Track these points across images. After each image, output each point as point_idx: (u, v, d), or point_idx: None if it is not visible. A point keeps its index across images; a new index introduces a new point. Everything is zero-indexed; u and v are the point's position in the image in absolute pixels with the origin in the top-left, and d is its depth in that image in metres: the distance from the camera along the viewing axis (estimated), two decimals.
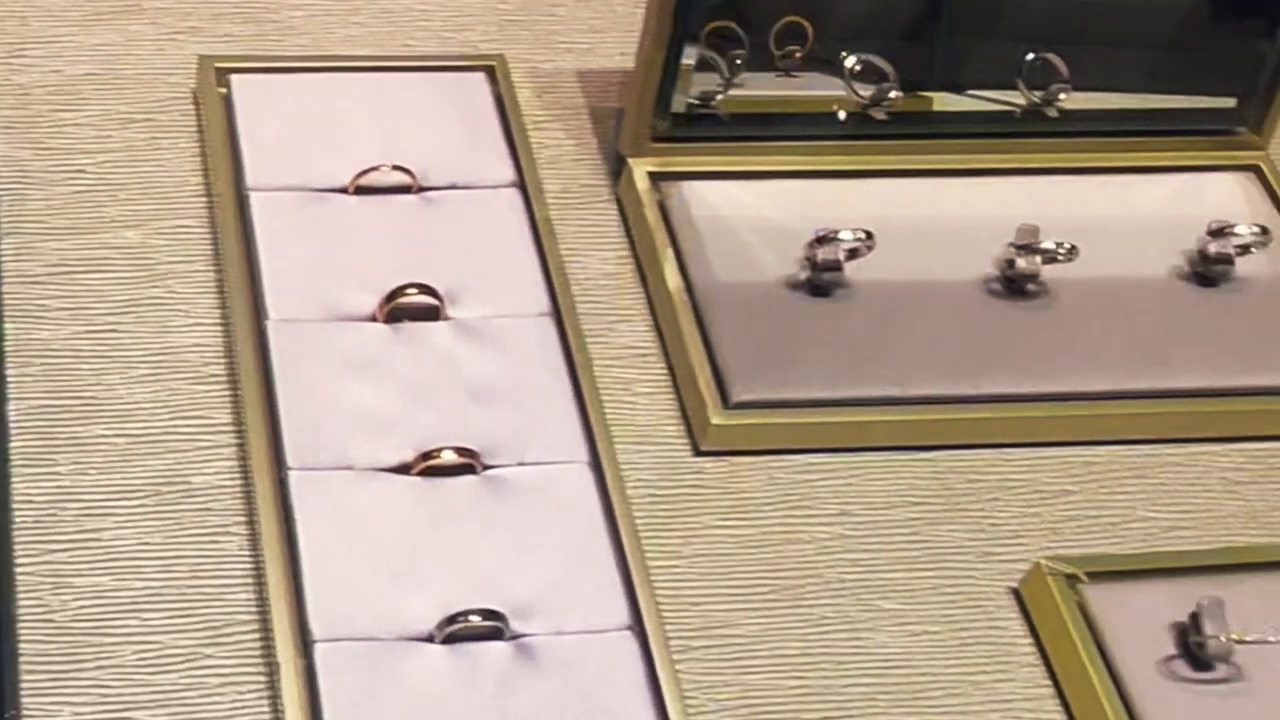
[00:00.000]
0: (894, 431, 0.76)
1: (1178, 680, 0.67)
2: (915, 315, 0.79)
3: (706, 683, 0.68)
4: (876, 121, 0.85)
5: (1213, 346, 0.79)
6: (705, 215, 0.81)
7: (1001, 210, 0.83)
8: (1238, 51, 0.86)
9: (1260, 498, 0.76)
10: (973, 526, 0.74)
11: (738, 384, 0.75)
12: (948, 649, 0.70)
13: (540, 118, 0.87)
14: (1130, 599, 0.69)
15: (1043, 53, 0.86)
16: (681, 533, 0.73)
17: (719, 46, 0.84)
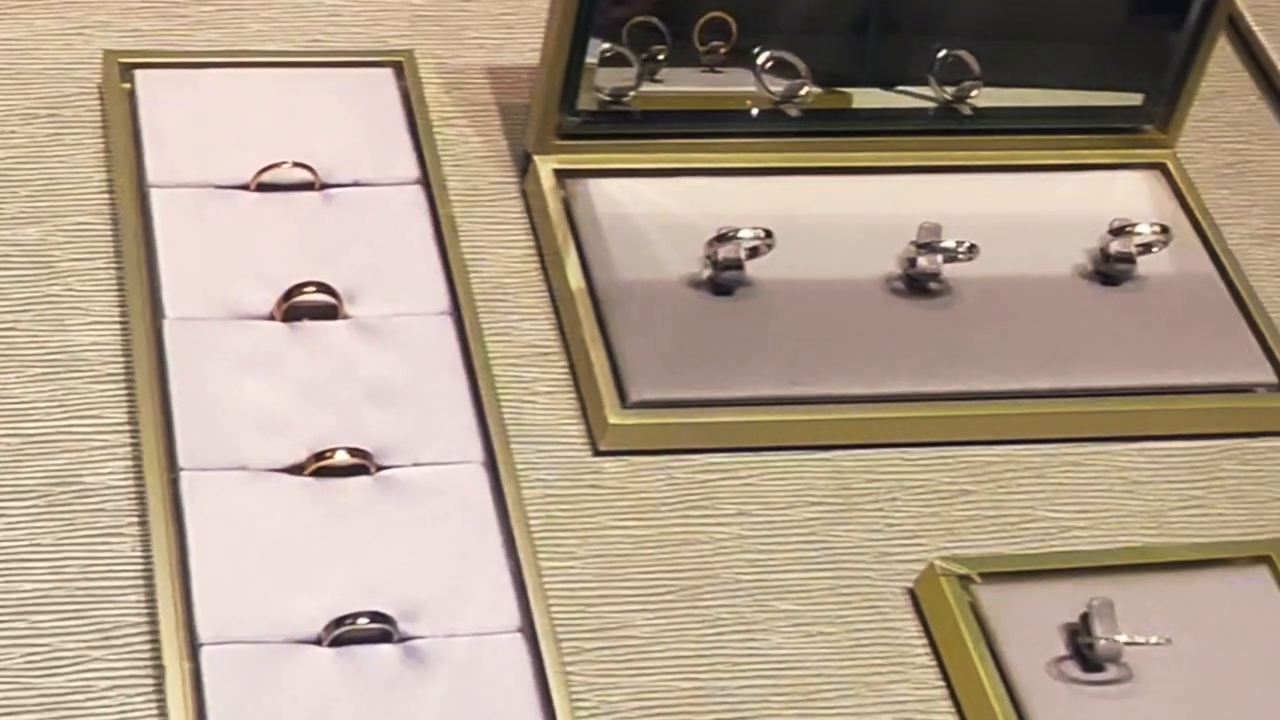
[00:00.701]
0: (793, 431, 0.75)
1: (1067, 681, 0.66)
2: (817, 314, 0.78)
3: (600, 684, 0.67)
4: (789, 118, 0.84)
5: (1113, 345, 0.78)
6: (609, 213, 0.80)
7: (908, 208, 0.82)
8: (1144, 49, 0.85)
9: (1158, 497, 0.76)
10: (870, 526, 0.73)
11: (636, 383, 0.74)
12: (842, 650, 0.70)
13: (450, 114, 0.86)
14: (1023, 600, 0.68)
15: (955, 49, 0.85)
16: (578, 533, 0.72)
17: (641, 42, 0.83)
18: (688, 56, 0.83)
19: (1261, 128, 0.91)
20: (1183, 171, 0.86)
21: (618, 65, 0.82)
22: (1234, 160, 0.90)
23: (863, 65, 0.86)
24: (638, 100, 0.83)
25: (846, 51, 0.85)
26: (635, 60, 0.83)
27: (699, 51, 0.84)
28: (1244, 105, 0.92)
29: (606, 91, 0.82)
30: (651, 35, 0.83)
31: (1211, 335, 0.80)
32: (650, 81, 0.83)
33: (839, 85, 0.86)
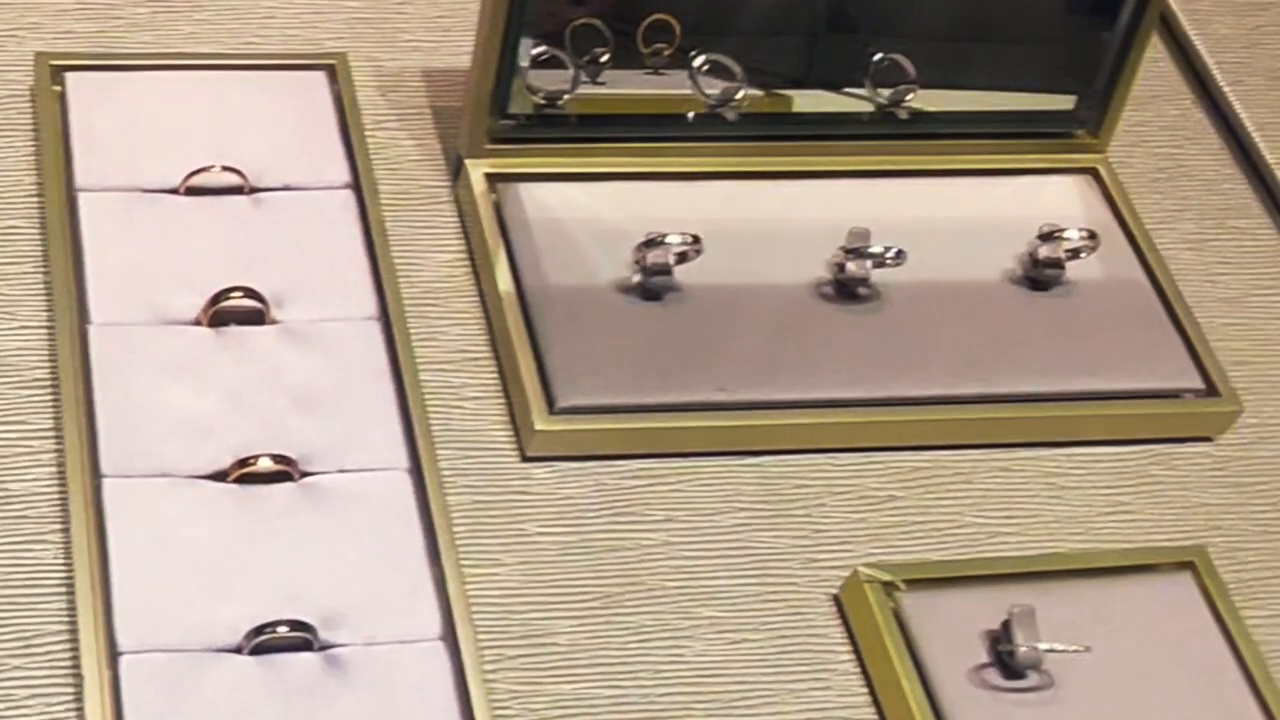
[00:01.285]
0: (721, 437, 0.74)
1: (989, 689, 0.66)
2: (746, 319, 0.77)
3: (522, 692, 0.67)
4: (723, 122, 0.83)
5: (1040, 351, 0.78)
6: (540, 217, 0.79)
7: (841, 213, 0.81)
8: (1076, 55, 0.84)
9: (1085, 503, 0.75)
10: (797, 532, 0.73)
11: (563, 389, 0.73)
12: (766, 657, 0.69)
13: (384, 117, 0.85)
14: (947, 606, 0.68)
15: (893, 53, 0.85)
16: (504, 540, 0.71)
17: (584, 44, 0.82)
18: (632, 59, 0.83)
19: (1195, 132, 0.91)
20: (1114, 176, 0.85)
21: (554, 68, 0.82)
22: (1167, 165, 0.89)
23: (800, 69, 0.85)
24: (573, 103, 0.82)
25: (785, 55, 0.85)
26: (571, 63, 0.82)
27: (643, 54, 0.83)
28: (1178, 110, 0.92)
29: (542, 94, 0.82)
30: (595, 37, 0.82)
31: (1140, 340, 0.79)
32: (593, 84, 0.82)
33: (776, 89, 0.85)
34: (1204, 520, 0.76)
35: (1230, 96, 0.91)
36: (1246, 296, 0.84)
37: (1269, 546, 0.75)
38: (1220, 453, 0.78)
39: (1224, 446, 0.78)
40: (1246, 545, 0.75)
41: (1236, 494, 0.77)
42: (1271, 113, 0.92)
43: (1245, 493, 0.77)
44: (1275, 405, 0.80)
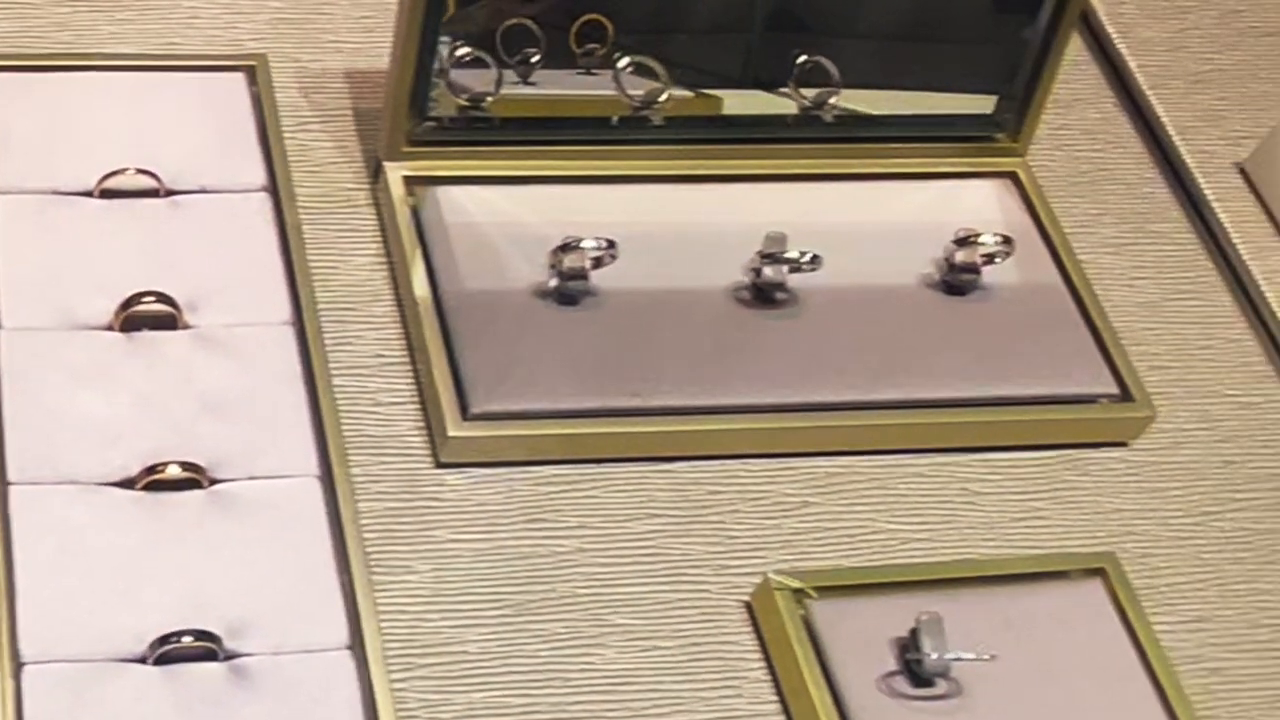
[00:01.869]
0: (635, 443, 0.73)
1: (897, 697, 0.65)
2: (663, 324, 0.76)
3: (432, 701, 0.66)
4: (645, 125, 0.83)
5: (956, 356, 0.77)
6: (458, 221, 0.78)
7: (761, 217, 0.80)
8: (996, 58, 0.83)
9: (998, 508, 0.75)
10: (710, 539, 0.72)
11: (477, 395, 0.72)
12: (677, 665, 0.68)
13: (306, 119, 0.84)
14: (856, 614, 0.67)
15: (817, 54, 0.84)
16: (416, 547, 0.70)
17: (516, 45, 0.82)
18: (566, 59, 0.82)
19: (1116, 135, 0.90)
20: (1033, 180, 0.84)
21: (479, 69, 0.81)
22: (1088, 168, 0.89)
23: (727, 71, 0.84)
24: (498, 105, 0.82)
25: (713, 56, 0.84)
26: (496, 64, 0.82)
27: (575, 54, 0.83)
28: (1099, 113, 0.91)
29: (466, 96, 0.81)
30: (527, 37, 0.81)
31: (1055, 345, 0.79)
32: (524, 84, 0.82)
33: (701, 91, 0.84)
34: (1117, 526, 0.75)
35: (1152, 99, 0.91)
36: (1165, 301, 0.84)
37: (1181, 552, 0.75)
38: (1134, 458, 0.78)
39: (1138, 451, 0.78)
40: (1158, 551, 0.75)
41: (1150, 499, 0.76)
42: (1193, 116, 0.92)
43: (1158, 498, 0.77)
44: (1190, 410, 0.80)
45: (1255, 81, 0.95)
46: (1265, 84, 0.94)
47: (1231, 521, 0.76)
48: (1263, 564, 0.75)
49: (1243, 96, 0.94)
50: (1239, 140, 0.91)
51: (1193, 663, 0.71)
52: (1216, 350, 0.83)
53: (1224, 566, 0.75)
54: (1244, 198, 0.89)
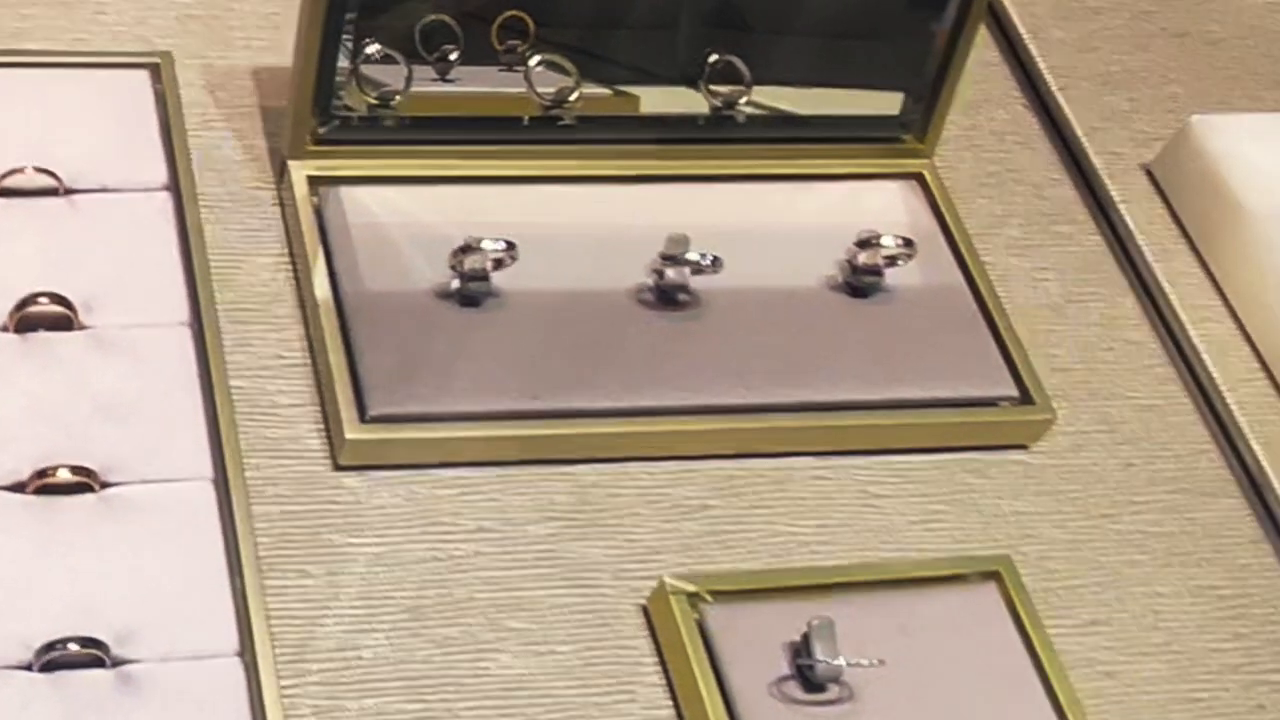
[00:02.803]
0: (535, 446, 0.72)
1: (788, 702, 0.65)
2: (564, 326, 0.75)
3: (324, 708, 0.65)
4: (554, 125, 0.81)
5: (858, 358, 0.76)
6: (361, 222, 0.77)
7: (668, 218, 0.79)
8: (903, 61, 0.83)
9: (898, 511, 0.74)
10: (609, 542, 0.71)
11: (376, 397, 0.71)
12: (573, 669, 0.67)
13: (212, 117, 0.82)
14: (751, 618, 0.67)
15: (728, 54, 0.83)
16: (312, 551, 0.69)
17: (435, 41, 0.80)
18: (488, 57, 0.81)
19: (1025, 136, 0.90)
20: (939, 181, 0.84)
21: (391, 66, 0.80)
22: (996, 169, 0.88)
23: (639, 70, 0.83)
24: (408, 103, 0.80)
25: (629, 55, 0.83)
26: (404, 61, 0.81)
27: (497, 52, 0.81)
28: (1009, 114, 0.90)
29: (375, 94, 0.80)
30: (447, 34, 0.80)
31: (957, 348, 0.78)
32: (443, 82, 0.80)
33: (612, 90, 0.83)
34: (1015, 529, 0.75)
35: (1061, 100, 0.90)
36: (1068, 303, 0.83)
37: (1078, 556, 0.74)
38: (1034, 461, 0.77)
39: (1038, 454, 0.77)
40: (1055, 554, 0.74)
41: (1049, 502, 0.76)
42: (1100, 117, 0.91)
43: (1057, 501, 0.76)
44: (1091, 413, 0.79)
45: (1164, 83, 0.94)
46: (1174, 85, 0.94)
47: (1129, 524, 0.76)
48: (1159, 567, 0.75)
49: (1152, 98, 0.93)
50: (1147, 142, 0.90)
51: (1087, 666, 0.71)
52: (1119, 353, 0.82)
53: (1121, 570, 0.74)
54: (1150, 199, 0.88)
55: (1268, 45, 0.98)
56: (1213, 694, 0.72)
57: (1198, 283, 0.86)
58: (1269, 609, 0.75)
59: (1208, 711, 0.71)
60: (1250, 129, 0.87)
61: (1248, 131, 0.87)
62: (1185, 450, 0.79)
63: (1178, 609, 0.74)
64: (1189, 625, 0.73)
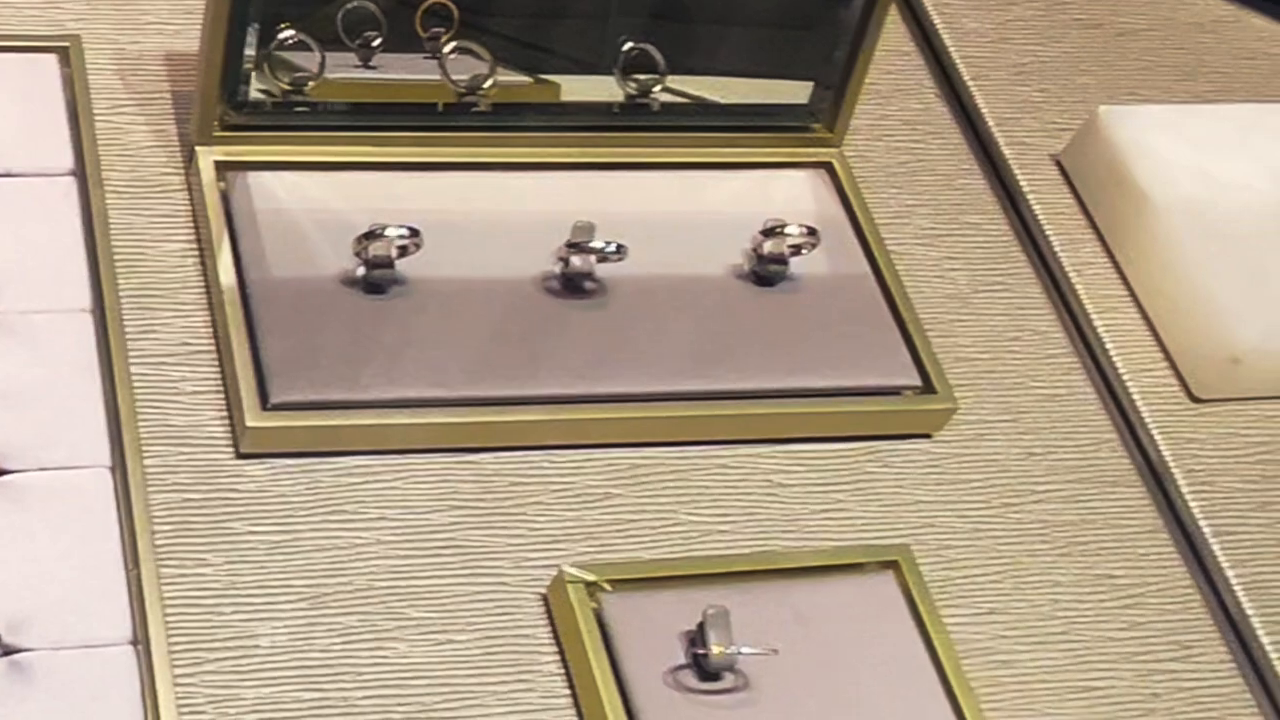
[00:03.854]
0: (438, 433, 0.71)
1: (684, 691, 0.64)
2: (470, 314, 0.74)
3: (220, 697, 0.64)
4: (469, 111, 0.81)
5: (763, 347, 0.76)
6: (267, 208, 0.76)
7: (577, 206, 0.78)
8: (813, 50, 0.82)
9: (800, 500, 0.74)
10: (512, 531, 0.70)
11: (278, 384, 0.70)
12: (471, 658, 0.67)
13: (122, 102, 0.81)
14: (649, 607, 0.66)
15: (641, 43, 0.83)
16: (212, 539, 0.68)
17: (358, 29, 0.79)
18: (413, 44, 0.79)
19: (937, 126, 0.89)
20: (848, 170, 0.83)
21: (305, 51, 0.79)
22: (907, 159, 0.87)
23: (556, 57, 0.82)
24: (320, 89, 0.80)
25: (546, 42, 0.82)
26: (318, 47, 0.79)
27: (421, 39, 0.80)
28: (921, 103, 0.90)
29: (287, 80, 0.79)
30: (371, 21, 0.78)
31: (861, 337, 0.77)
32: (365, 69, 0.79)
33: (527, 77, 0.82)
34: (917, 518, 0.74)
35: (973, 90, 0.90)
36: (975, 293, 0.83)
37: (977, 544, 0.74)
38: (937, 450, 0.77)
39: (941, 443, 0.77)
40: (956, 543, 0.74)
41: (950, 491, 0.75)
42: (1012, 108, 0.90)
43: (959, 490, 0.76)
44: (995, 402, 0.79)
45: (1076, 74, 0.94)
46: (1086, 76, 0.93)
47: (1030, 513, 0.76)
48: (1059, 556, 0.75)
49: (1063, 89, 0.93)
50: (1057, 132, 0.90)
51: (984, 655, 0.71)
52: (1024, 342, 0.82)
53: (1020, 559, 0.74)
54: (1059, 189, 0.88)
55: (1180, 37, 0.98)
56: (1109, 683, 0.72)
57: (1104, 273, 0.85)
58: (1166, 598, 0.75)
59: (1103, 700, 0.71)
60: (1157, 120, 0.87)
61: (1154, 122, 0.86)
62: (1087, 440, 0.79)
63: (1076, 598, 0.74)
64: (1086, 614, 0.73)
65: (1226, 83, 0.96)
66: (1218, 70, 0.97)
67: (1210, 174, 0.85)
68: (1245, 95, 0.96)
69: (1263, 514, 0.79)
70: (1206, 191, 0.84)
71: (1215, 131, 0.87)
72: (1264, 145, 0.87)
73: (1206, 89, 0.96)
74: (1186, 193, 0.84)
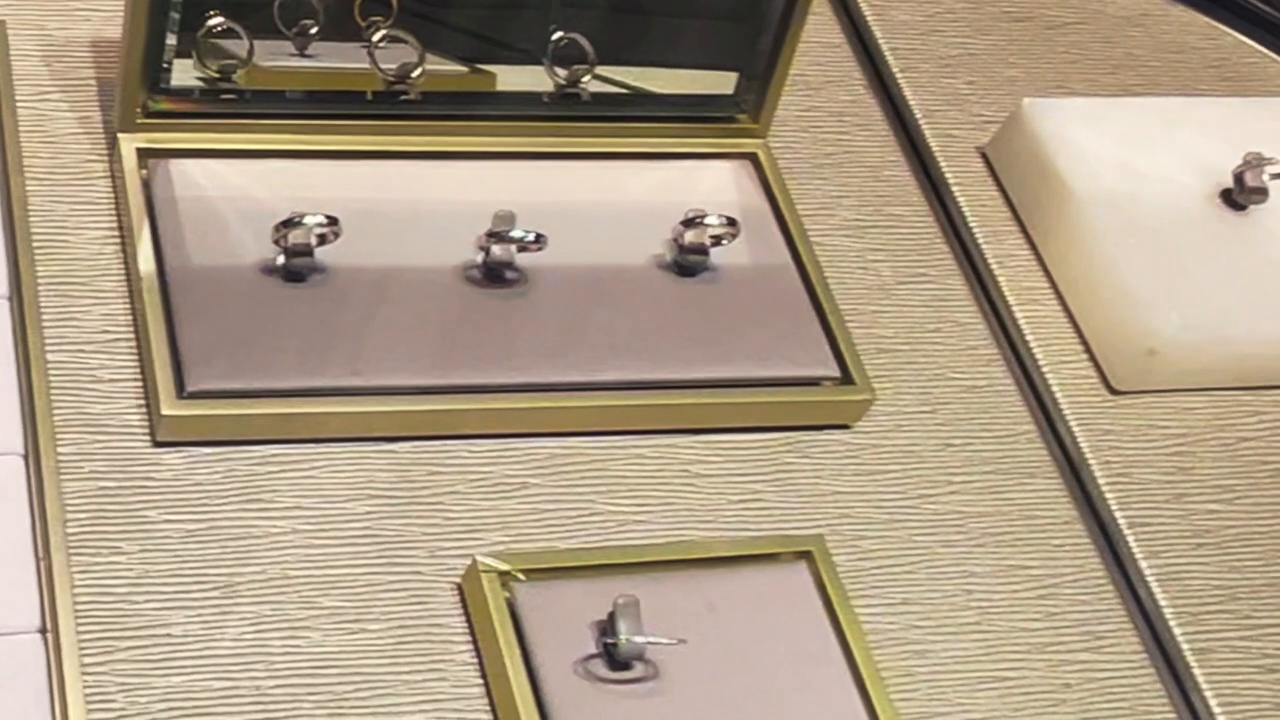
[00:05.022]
0: (355, 422, 0.71)
1: (593, 680, 0.64)
2: (390, 303, 0.74)
3: (131, 685, 0.63)
4: (396, 100, 0.80)
5: (681, 338, 0.75)
6: (189, 195, 0.75)
7: (501, 195, 0.77)
8: (739, 40, 0.81)
9: (718, 490, 0.73)
10: (428, 520, 0.70)
11: (194, 372, 0.70)
12: (384, 647, 0.66)
13: (46, 88, 0.80)
14: (562, 597, 0.66)
15: (574, 30, 0.82)
16: (126, 528, 0.67)
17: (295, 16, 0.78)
18: (351, 33, 0.78)
19: (865, 118, 0.89)
20: (773, 161, 0.82)
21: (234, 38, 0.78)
22: (834, 150, 0.87)
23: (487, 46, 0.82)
24: (248, 77, 0.79)
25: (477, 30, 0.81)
26: (246, 35, 0.78)
27: (360, 27, 0.80)
28: (849, 95, 0.89)
29: (215, 67, 0.78)
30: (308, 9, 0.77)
31: (781, 328, 0.77)
32: (301, 57, 0.78)
33: (461, 66, 0.82)
34: (834, 508, 0.74)
35: (901, 82, 0.89)
36: (898, 284, 0.83)
37: (892, 535, 0.74)
38: (855, 440, 0.76)
39: (859, 434, 0.76)
40: (871, 533, 0.74)
41: (867, 482, 0.75)
42: (940, 100, 0.90)
43: (876, 481, 0.75)
44: (914, 393, 0.79)
45: (1004, 66, 0.93)
46: (1013, 69, 0.93)
47: (946, 504, 0.75)
48: (973, 547, 0.74)
49: (991, 81, 0.92)
50: (983, 125, 0.89)
51: (897, 645, 0.70)
52: (945, 333, 0.82)
53: (935, 549, 0.74)
54: (984, 182, 0.88)
55: (1108, 30, 0.98)
56: (1020, 673, 0.71)
57: (1026, 265, 0.85)
58: (1079, 589, 0.75)
59: (1015, 690, 0.71)
60: (1080, 113, 0.86)
61: (1078, 115, 0.86)
62: (1005, 431, 0.79)
63: (989, 588, 0.73)
64: (1000, 604, 0.73)
65: (1154, 75, 0.96)
66: (1146, 63, 0.97)
67: (1132, 167, 0.85)
68: (1173, 88, 0.96)
69: (1177, 505, 0.79)
70: (1128, 184, 0.84)
71: (1139, 124, 0.87)
72: (1187, 139, 0.87)
73: (1134, 82, 0.96)
74: (1108, 185, 0.84)
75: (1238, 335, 0.82)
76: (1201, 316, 0.81)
